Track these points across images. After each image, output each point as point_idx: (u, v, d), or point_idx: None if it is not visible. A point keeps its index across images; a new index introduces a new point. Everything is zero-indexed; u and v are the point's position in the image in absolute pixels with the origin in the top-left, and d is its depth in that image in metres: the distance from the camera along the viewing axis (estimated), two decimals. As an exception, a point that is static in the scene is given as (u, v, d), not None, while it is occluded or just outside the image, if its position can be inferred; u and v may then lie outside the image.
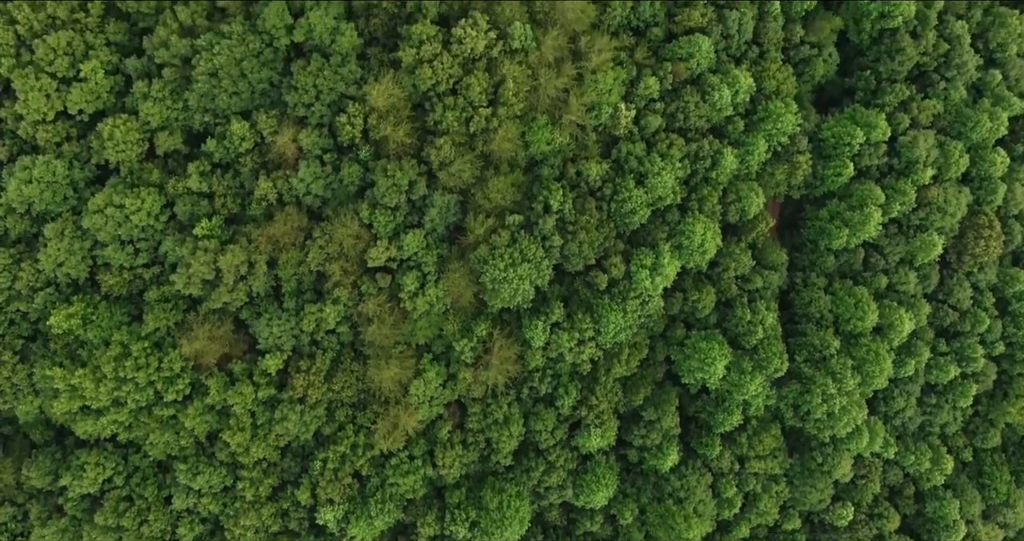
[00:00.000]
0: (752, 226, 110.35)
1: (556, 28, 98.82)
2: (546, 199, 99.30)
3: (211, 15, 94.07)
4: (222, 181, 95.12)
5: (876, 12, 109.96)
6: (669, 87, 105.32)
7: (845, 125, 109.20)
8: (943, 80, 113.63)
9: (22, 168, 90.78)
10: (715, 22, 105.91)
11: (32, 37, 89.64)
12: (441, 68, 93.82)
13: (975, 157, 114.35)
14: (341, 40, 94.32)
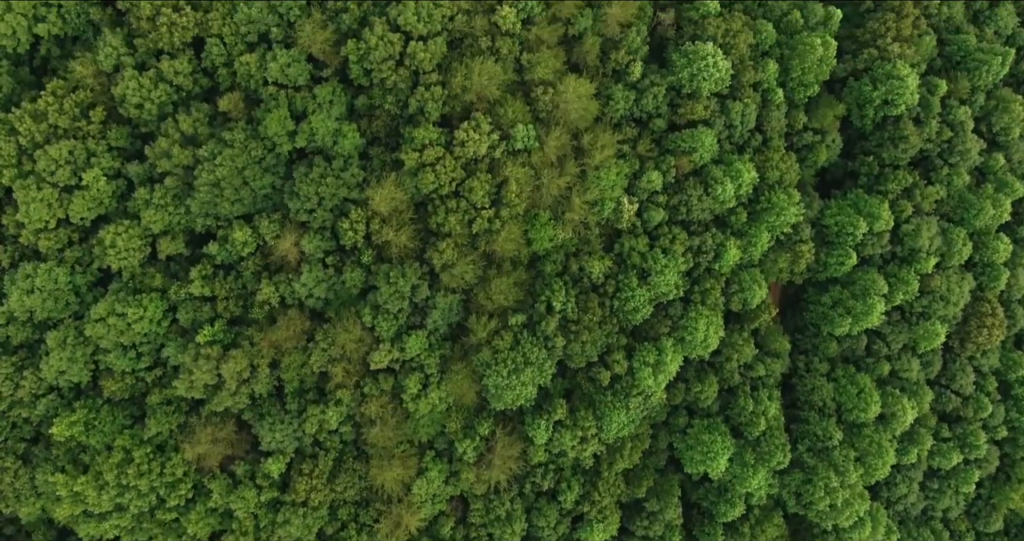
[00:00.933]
0: (755, 315, 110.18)
1: (559, 127, 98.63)
2: (549, 299, 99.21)
3: (213, 119, 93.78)
4: (224, 284, 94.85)
5: (879, 99, 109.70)
6: (672, 180, 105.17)
7: (848, 214, 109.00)
8: (946, 165, 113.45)
9: (24, 276, 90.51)
10: (718, 114, 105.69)
11: (34, 147, 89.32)
12: (444, 172, 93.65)
13: (978, 243, 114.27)
14: (343, 142, 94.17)
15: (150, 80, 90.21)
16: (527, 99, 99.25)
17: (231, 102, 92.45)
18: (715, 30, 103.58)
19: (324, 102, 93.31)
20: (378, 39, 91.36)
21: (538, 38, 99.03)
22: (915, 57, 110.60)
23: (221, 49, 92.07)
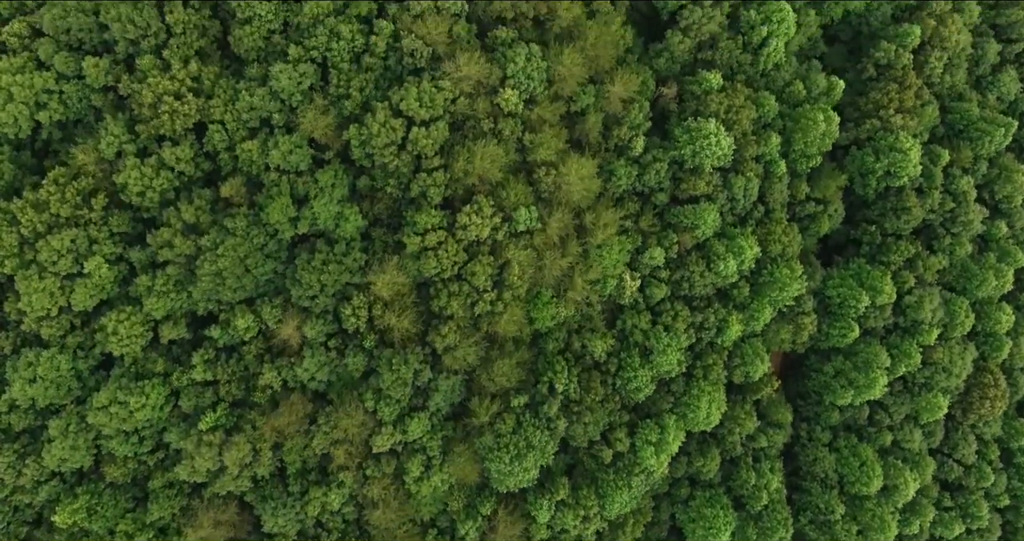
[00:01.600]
0: (758, 387, 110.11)
1: (561, 207, 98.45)
2: (551, 380, 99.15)
3: (215, 204, 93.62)
4: (226, 367, 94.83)
5: (881, 170, 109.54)
6: (674, 255, 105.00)
7: (850, 286, 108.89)
8: (948, 235, 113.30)
9: (26, 365, 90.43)
10: (720, 188, 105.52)
11: (36, 237, 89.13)
12: (446, 256, 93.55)
13: (980, 312, 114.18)
14: (345, 225, 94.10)
15: (152, 168, 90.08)
16: (529, 180, 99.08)
17: (233, 188, 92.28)
18: (717, 106, 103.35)
19: (326, 186, 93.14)
20: (380, 126, 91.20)
21: (540, 118, 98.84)
22: (917, 128, 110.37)
23: (223, 135, 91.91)
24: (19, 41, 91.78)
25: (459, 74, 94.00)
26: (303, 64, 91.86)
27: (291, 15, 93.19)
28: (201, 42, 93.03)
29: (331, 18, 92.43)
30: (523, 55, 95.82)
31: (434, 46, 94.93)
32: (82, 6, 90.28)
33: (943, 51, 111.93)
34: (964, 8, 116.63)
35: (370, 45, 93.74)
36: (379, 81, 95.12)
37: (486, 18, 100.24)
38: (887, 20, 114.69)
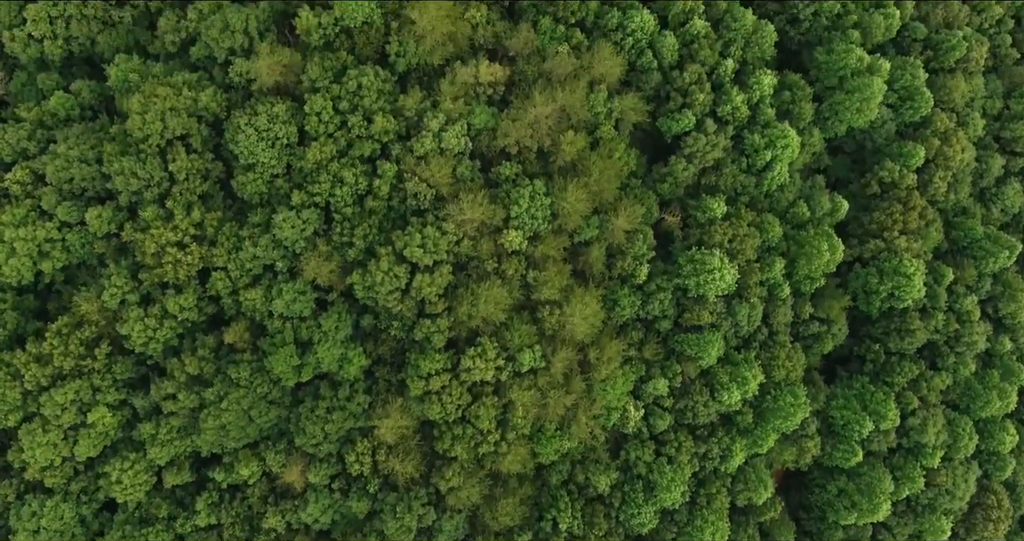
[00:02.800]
0: (762, 511, 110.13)
1: (565, 345, 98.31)
2: (555, 517, 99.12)
3: (218, 349, 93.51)
4: (230, 509, 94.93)
5: (885, 292, 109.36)
6: (678, 384, 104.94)
7: (854, 409, 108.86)
8: (952, 354, 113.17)
9: (30, 515, 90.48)
10: (724, 315, 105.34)
11: (39, 391, 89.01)
12: (449, 400, 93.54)
13: (984, 431, 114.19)
14: (349, 368, 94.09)
15: (155, 318, 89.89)
16: (533, 317, 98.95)
17: (236, 334, 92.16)
18: (721, 236, 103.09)
19: (329, 330, 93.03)
20: (383, 274, 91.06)
21: (544, 254, 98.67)
22: (921, 249, 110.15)
23: (226, 282, 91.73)
24: (21, 188, 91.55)
25: (463, 217, 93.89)
26: (306, 210, 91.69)
27: (294, 159, 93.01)
28: (204, 186, 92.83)
29: (334, 163, 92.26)
30: (527, 195, 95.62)
31: (437, 187, 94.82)
32: (84, 156, 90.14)
33: (947, 170, 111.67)
34: (968, 122, 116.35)
35: (373, 188, 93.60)
36: (382, 223, 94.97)
37: (489, 152, 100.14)
38: (891, 137, 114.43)
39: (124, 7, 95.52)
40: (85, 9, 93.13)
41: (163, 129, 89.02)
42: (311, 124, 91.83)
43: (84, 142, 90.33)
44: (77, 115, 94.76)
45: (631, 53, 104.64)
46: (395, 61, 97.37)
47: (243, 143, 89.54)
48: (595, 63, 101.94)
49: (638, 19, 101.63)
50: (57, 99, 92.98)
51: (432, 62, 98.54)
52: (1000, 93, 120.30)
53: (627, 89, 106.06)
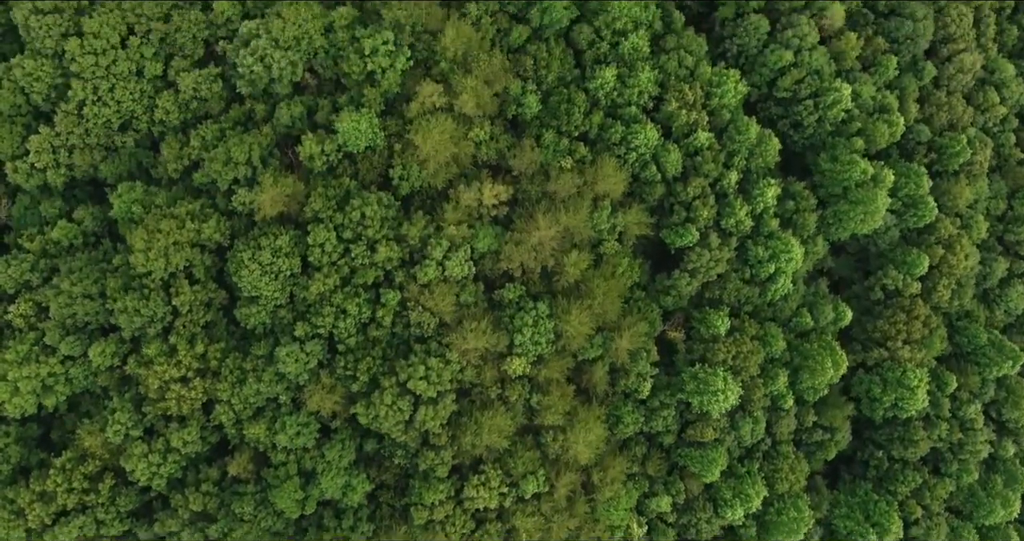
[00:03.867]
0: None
1: (568, 469, 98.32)
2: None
3: (222, 480, 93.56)
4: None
5: (888, 402, 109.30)
6: (681, 501, 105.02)
7: (857, 519, 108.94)
8: (956, 461, 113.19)
9: None
10: (727, 430, 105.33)
11: (42, 529, 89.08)
12: (453, 530, 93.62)
13: (987, 538, 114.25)
14: (352, 496, 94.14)
15: (159, 454, 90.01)
16: (537, 441, 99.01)
17: (240, 466, 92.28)
18: (725, 354, 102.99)
19: (333, 460, 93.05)
20: (387, 407, 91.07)
21: (547, 378, 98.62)
22: (925, 358, 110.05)
23: (230, 414, 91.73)
24: (25, 321, 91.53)
25: (466, 345, 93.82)
26: (310, 342, 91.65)
27: (297, 289, 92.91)
28: (207, 316, 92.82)
29: (337, 294, 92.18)
30: (530, 321, 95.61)
31: (440, 315, 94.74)
32: (88, 291, 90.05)
33: (951, 278, 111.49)
34: (972, 225, 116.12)
35: (377, 317, 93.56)
36: (386, 350, 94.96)
37: (493, 274, 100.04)
38: (895, 241, 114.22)
39: (127, 132, 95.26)
40: (88, 138, 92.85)
41: (166, 265, 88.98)
42: (314, 255, 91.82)
43: (87, 276, 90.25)
44: (80, 243, 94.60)
45: (635, 166, 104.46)
46: (398, 184, 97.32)
47: (247, 278, 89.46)
48: (599, 180, 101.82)
49: (642, 136, 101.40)
50: (60, 230, 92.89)
51: (435, 184, 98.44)
52: (1004, 194, 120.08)
53: (630, 199, 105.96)
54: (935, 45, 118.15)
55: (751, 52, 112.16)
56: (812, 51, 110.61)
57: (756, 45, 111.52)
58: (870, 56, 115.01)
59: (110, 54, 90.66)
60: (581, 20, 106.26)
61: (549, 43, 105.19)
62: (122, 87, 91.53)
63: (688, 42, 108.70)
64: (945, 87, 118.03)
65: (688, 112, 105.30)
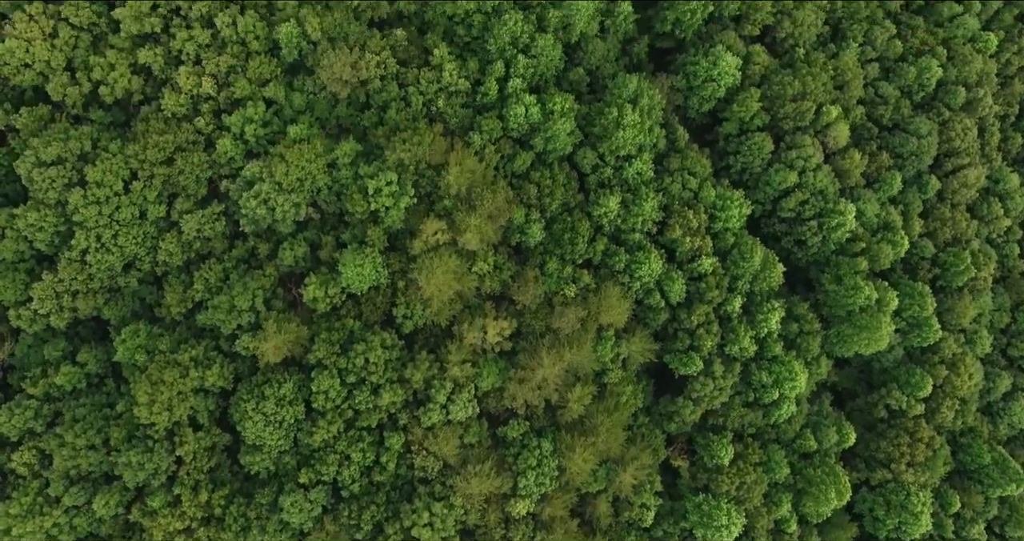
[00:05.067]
0: None
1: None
2: None
3: None
4: None
5: (892, 524, 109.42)
6: None
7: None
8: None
9: None
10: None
11: None
12: None
13: None
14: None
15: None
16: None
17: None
18: (729, 485, 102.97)
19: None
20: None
21: (551, 515, 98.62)
22: (929, 480, 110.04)
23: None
24: (28, 469, 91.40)
25: (470, 490, 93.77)
26: (314, 490, 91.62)
27: (302, 435, 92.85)
28: (211, 462, 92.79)
29: (341, 441, 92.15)
30: (534, 462, 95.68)
31: (444, 458, 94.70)
32: (91, 442, 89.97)
33: (954, 398, 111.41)
34: (976, 340, 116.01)
35: (380, 461, 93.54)
36: (390, 494, 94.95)
37: (497, 410, 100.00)
38: (899, 359, 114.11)
39: (129, 273, 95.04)
40: (91, 283, 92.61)
41: (170, 417, 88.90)
42: (318, 401, 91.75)
43: (91, 426, 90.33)
44: (84, 386, 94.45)
45: (638, 292, 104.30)
46: (402, 323, 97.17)
47: (251, 428, 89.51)
48: (602, 311, 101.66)
49: (646, 267, 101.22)
50: (64, 375, 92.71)
51: (439, 321, 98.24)
52: (1008, 307, 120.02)
53: (634, 324, 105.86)
54: (939, 158, 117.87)
55: (755, 170, 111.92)
56: (816, 171, 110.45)
57: (760, 164, 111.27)
58: (874, 172, 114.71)
59: (113, 201, 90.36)
60: (585, 144, 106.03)
61: (553, 168, 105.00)
62: (125, 233, 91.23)
63: (692, 164, 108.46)
64: (949, 200, 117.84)
65: (692, 238, 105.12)
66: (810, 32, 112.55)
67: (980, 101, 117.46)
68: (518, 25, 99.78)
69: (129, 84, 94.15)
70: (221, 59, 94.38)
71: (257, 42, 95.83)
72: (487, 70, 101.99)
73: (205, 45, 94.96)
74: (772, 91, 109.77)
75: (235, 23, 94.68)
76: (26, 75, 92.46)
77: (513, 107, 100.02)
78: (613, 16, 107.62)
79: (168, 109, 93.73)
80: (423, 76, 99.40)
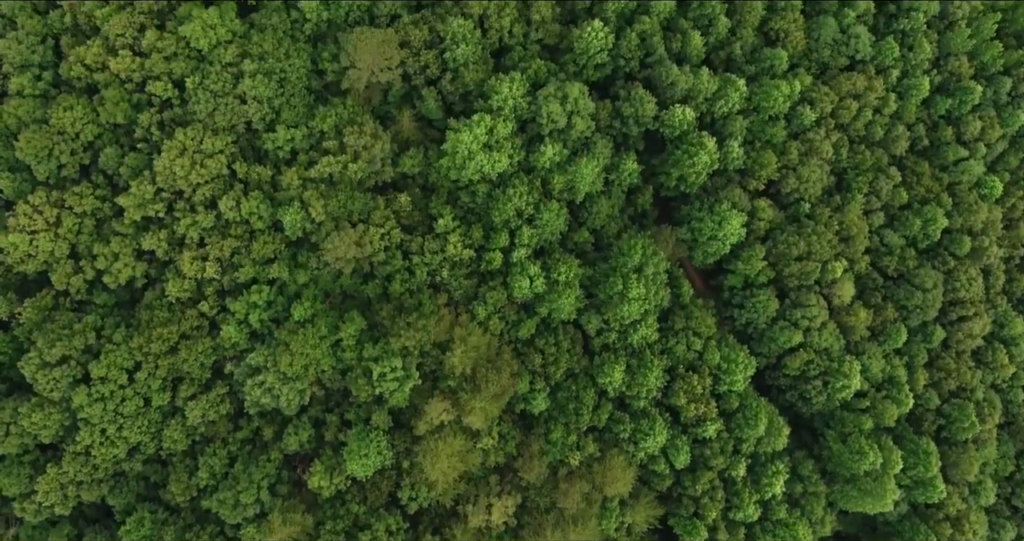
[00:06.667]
0: None
1: None
2: None
3: None
4: None
5: None
6: None
7: None
8: None
9: None
10: None
11: None
12: None
13: None
14: None
15: None
16: None
17: None
18: None
19: None
20: None
21: None
22: None
23: None
24: None
25: None
26: None
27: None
28: None
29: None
30: None
31: None
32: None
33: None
34: (980, 492, 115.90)
35: None
36: None
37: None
38: (904, 514, 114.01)
39: (134, 457, 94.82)
40: (95, 473, 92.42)
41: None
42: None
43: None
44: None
45: (643, 459, 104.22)
46: (407, 504, 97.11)
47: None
48: (607, 483, 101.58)
49: (651, 439, 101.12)
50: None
51: (444, 502, 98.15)
52: (1012, 454, 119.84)
53: (639, 488, 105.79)
54: (944, 306, 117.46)
55: (760, 326, 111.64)
56: (821, 330, 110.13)
57: (765, 320, 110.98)
58: (879, 325, 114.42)
59: (117, 395, 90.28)
60: (590, 308, 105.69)
61: (557, 333, 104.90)
62: (130, 425, 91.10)
63: (697, 323, 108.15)
64: (954, 348, 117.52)
65: (696, 405, 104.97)
66: (815, 188, 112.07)
67: (986, 250, 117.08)
68: (522, 198, 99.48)
69: (133, 271, 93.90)
70: (225, 243, 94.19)
71: (261, 221, 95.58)
72: (491, 236, 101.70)
73: (209, 228, 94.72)
74: (777, 249, 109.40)
75: (239, 205, 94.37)
76: (30, 265, 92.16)
77: (518, 279, 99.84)
78: (618, 172, 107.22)
79: (172, 295, 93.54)
80: (427, 246, 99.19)
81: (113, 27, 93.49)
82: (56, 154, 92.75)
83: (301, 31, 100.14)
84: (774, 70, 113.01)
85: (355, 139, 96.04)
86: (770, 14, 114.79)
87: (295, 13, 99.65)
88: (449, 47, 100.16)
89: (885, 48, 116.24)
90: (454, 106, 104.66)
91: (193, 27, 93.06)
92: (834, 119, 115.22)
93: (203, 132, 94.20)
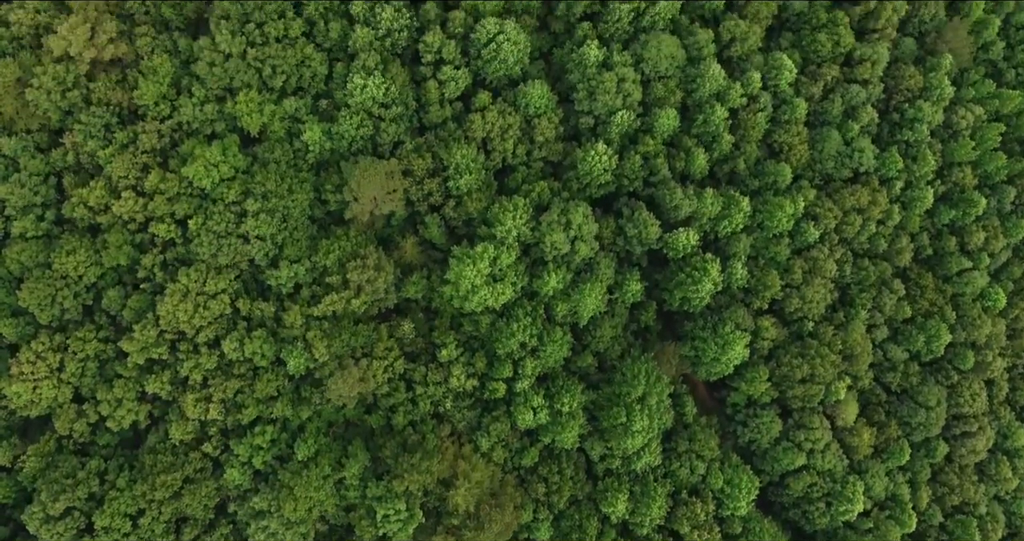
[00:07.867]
0: None
1: None
2: None
3: None
4: None
5: None
6: None
7: None
8: None
9: None
10: None
11: None
12: None
13: None
14: None
15: None
16: None
17: None
18: None
19: None
20: None
21: None
22: None
23: None
24: None
25: None
26: None
27: None
28: None
29: None
30: None
31: None
32: None
33: None
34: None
35: None
36: None
37: None
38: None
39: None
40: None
41: None
42: None
43: None
44: None
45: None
46: None
47: None
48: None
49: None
50: None
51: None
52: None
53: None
54: (948, 421, 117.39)
55: (763, 446, 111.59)
56: (824, 452, 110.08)
57: (768, 441, 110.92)
58: (883, 443, 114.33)
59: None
60: (593, 434, 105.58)
61: (561, 461, 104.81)
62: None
63: (700, 446, 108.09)
64: (957, 463, 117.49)
65: (700, 532, 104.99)
66: (819, 307, 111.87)
67: (990, 364, 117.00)
68: (526, 331, 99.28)
69: (136, 416, 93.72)
70: (228, 383, 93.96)
71: (264, 360, 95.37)
72: (495, 365, 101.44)
73: (212, 368, 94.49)
74: (781, 371, 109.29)
75: (242, 346, 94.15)
76: (33, 410, 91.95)
77: (522, 410, 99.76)
78: (621, 291, 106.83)
79: (175, 438, 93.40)
80: (431, 376, 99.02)
81: (116, 169, 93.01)
82: (59, 300, 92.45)
83: (304, 160, 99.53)
84: (777, 185, 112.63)
85: (358, 274, 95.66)
86: (774, 126, 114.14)
87: (298, 142, 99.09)
88: (452, 176, 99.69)
89: (889, 160, 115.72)
90: (457, 230, 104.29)
91: (196, 168, 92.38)
92: (838, 234, 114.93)
93: (206, 272, 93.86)
